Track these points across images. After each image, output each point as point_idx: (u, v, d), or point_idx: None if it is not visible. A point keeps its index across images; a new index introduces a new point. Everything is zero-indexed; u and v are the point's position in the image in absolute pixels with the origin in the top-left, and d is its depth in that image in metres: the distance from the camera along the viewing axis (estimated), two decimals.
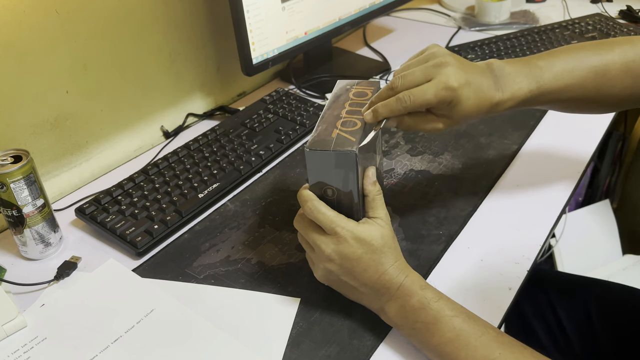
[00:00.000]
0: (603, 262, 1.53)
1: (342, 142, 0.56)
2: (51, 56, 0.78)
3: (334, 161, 0.56)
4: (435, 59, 0.60)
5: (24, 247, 0.72)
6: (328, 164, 0.56)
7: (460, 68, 0.60)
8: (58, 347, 0.61)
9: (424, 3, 1.47)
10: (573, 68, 0.64)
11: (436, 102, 0.59)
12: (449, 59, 0.60)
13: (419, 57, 0.62)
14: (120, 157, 0.93)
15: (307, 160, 0.57)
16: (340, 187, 0.57)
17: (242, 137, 0.91)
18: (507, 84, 0.62)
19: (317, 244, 0.57)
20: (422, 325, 0.54)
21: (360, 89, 0.65)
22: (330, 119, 0.60)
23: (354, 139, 0.56)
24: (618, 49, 0.64)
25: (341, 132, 0.57)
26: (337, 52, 1.21)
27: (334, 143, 0.56)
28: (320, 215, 0.57)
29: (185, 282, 0.68)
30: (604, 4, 1.36)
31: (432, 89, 0.58)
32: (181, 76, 0.99)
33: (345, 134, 0.57)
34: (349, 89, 0.65)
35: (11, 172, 0.66)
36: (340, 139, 0.56)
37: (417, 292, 0.55)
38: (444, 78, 0.58)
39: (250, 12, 0.89)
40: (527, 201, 0.77)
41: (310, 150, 0.56)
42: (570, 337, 0.84)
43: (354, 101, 0.63)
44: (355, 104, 0.62)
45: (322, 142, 0.56)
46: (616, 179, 1.66)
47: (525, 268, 0.67)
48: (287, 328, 0.61)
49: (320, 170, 0.57)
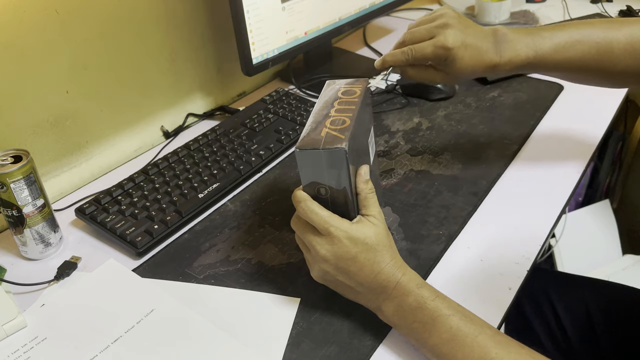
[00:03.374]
0: (603, 262, 1.53)
1: (331, 140, 0.56)
2: (51, 56, 0.79)
3: (325, 159, 0.56)
4: (441, 20, 0.68)
5: (24, 247, 0.72)
6: (319, 162, 0.56)
7: (461, 30, 0.67)
8: (58, 347, 0.61)
9: (424, 3, 1.47)
10: (575, 42, 0.67)
11: (433, 58, 0.68)
12: (452, 21, 0.67)
13: (429, 16, 0.71)
14: (120, 157, 0.93)
15: (298, 160, 0.57)
16: (333, 185, 0.57)
17: (242, 137, 0.91)
18: (506, 49, 0.68)
19: (312, 244, 0.58)
20: (419, 325, 0.54)
21: (349, 88, 0.65)
22: (320, 118, 0.60)
23: (343, 136, 0.56)
24: (626, 28, 0.67)
25: (330, 130, 0.57)
26: (337, 52, 1.21)
27: (323, 141, 0.56)
28: (314, 215, 0.57)
29: (185, 282, 0.68)
30: (604, 4, 1.36)
31: (431, 47, 0.67)
32: (181, 76, 0.99)
33: (334, 132, 0.57)
34: (338, 89, 0.65)
35: (11, 172, 0.66)
36: (330, 137, 0.56)
37: (414, 291, 0.55)
38: (442, 38, 0.67)
39: (250, 12, 0.89)
40: (527, 201, 0.77)
41: (300, 150, 0.56)
42: (570, 336, 0.85)
43: (343, 100, 0.62)
44: (344, 103, 0.62)
45: (311, 141, 0.56)
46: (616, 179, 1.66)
47: (525, 268, 0.67)
48: (287, 328, 0.61)
49: (312, 169, 0.57)
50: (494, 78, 1.05)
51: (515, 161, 0.84)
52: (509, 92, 1.02)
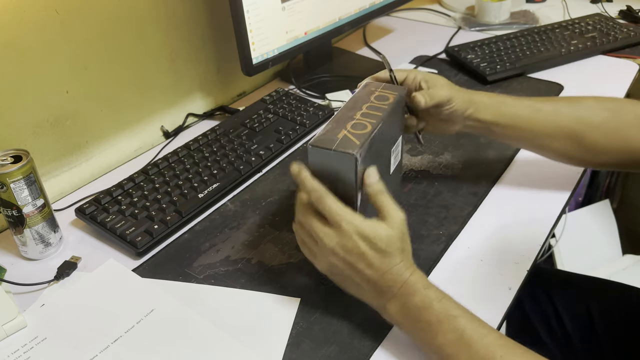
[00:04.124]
0: (603, 262, 1.53)
1: (345, 143, 0.56)
2: (51, 56, 0.78)
3: (335, 161, 0.56)
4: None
5: (24, 247, 0.72)
6: (328, 162, 0.56)
7: None
8: (58, 347, 0.61)
9: (424, 3, 1.47)
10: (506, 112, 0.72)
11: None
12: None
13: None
14: (120, 157, 0.93)
15: (309, 156, 0.57)
16: (340, 187, 0.57)
17: (242, 137, 0.91)
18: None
19: (320, 236, 0.57)
20: (424, 324, 0.54)
21: (383, 93, 0.65)
22: (343, 118, 0.60)
23: (358, 142, 0.56)
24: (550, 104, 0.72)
25: (349, 133, 0.57)
26: (337, 52, 1.21)
27: (338, 143, 0.56)
28: (327, 205, 0.56)
29: (185, 282, 0.68)
30: (604, 4, 1.36)
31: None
32: (181, 76, 0.99)
33: (351, 136, 0.57)
34: (372, 92, 0.65)
35: (11, 172, 0.66)
36: (345, 140, 0.56)
37: (420, 291, 0.54)
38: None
39: (250, 12, 0.89)
40: (527, 201, 0.77)
41: (312, 146, 0.56)
42: (571, 334, 0.85)
43: (373, 104, 0.62)
44: (373, 107, 0.62)
45: (326, 140, 0.56)
46: (616, 179, 1.66)
47: (525, 268, 0.67)
48: (287, 328, 0.61)
49: (321, 167, 0.57)
50: (494, 78, 1.05)
51: (515, 161, 0.84)
52: (509, 92, 1.02)
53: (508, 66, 1.07)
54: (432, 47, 1.20)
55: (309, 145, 0.56)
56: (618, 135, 0.69)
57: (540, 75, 1.08)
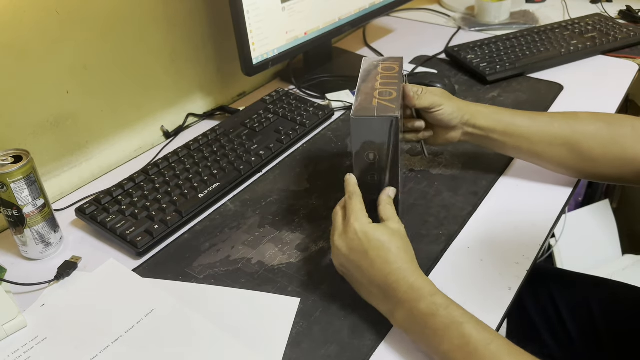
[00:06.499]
0: (603, 262, 1.53)
1: (383, 109, 0.62)
2: (51, 56, 0.79)
3: (378, 126, 0.61)
4: None
5: (24, 247, 0.72)
6: (372, 129, 0.61)
7: None
8: (58, 347, 0.61)
9: (424, 3, 1.47)
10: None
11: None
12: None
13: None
14: (120, 157, 0.93)
15: (352, 127, 0.62)
16: (382, 150, 0.62)
17: (242, 137, 0.91)
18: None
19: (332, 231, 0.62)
20: (430, 332, 0.54)
21: (388, 64, 0.71)
22: (367, 90, 0.65)
23: (393, 106, 0.62)
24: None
25: (380, 101, 0.63)
26: (337, 52, 1.21)
27: (377, 110, 0.61)
28: (350, 202, 0.61)
29: (185, 282, 0.68)
30: (604, 4, 1.36)
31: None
32: (181, 76, 0.99)
33: (384, 102, 0.63)
34: (376, 65, 0.71)
35: (11, 172, 0.66)
36: (381, 107, 0.62)
37: (426, 298, 0.55)
38: None
39: (250, 12, 0.89)
40: (526, 201, 0.77)
41: (355, 117, 0.61)
42: (572, 333, 0.85)
43: (384, 74, 0.69)
44: (386, 77, 0.68)
45: (365, 109, 0.62)
46: None
47: (525, 268, 0.67)
48: (287, 328, 0.61)
49: (364, 135, 0.62)
50: (494, 78, 1.05)
51: (515, 161, 0.84)
52: (508, 92, 1.02)
53: (508, 66, 1.07)
54: (432, 47, 1.20)
55: (351, 116, 0.61)
56: (614, 145, 0.70)
57: (540, 75, 1.08)
